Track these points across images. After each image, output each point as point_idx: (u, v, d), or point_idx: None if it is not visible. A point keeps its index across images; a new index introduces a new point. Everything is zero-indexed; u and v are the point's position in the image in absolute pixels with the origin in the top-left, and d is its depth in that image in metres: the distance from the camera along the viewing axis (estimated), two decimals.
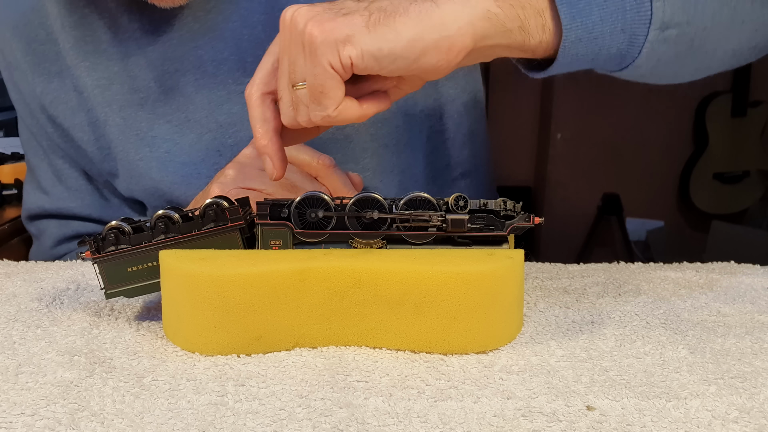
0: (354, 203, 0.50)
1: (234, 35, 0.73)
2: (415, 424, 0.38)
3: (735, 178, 2.37)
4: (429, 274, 0.46)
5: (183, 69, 0.74)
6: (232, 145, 0.74)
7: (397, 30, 0.45)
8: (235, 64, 0.73)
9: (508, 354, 0.47)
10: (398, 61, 0.46)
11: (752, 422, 0.39)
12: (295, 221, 0.50)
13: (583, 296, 0.58)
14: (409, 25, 0.45)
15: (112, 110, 0.76)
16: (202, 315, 0.46)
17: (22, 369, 0.45)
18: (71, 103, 0.77)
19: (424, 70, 0.48)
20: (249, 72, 0.72)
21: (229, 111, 0.74)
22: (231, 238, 0.50)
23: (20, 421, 0.39)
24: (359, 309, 0.47)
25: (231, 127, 0.75)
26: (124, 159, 0.76)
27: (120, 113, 0.76)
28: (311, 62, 0.46)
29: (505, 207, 0.51)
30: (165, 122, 0.75)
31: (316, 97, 0.48)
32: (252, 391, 0.42)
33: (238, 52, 0.73)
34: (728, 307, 0.56)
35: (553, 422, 0.39)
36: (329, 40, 0.45)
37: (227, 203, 0.50)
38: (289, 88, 0.49)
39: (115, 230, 0.50)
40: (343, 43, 0.45)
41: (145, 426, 0.38)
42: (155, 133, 0.75)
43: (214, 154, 0.75)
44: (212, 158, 0.75)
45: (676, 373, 0.45)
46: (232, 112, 0.74)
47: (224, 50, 0.73)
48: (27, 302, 0.56)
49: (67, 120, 0.78)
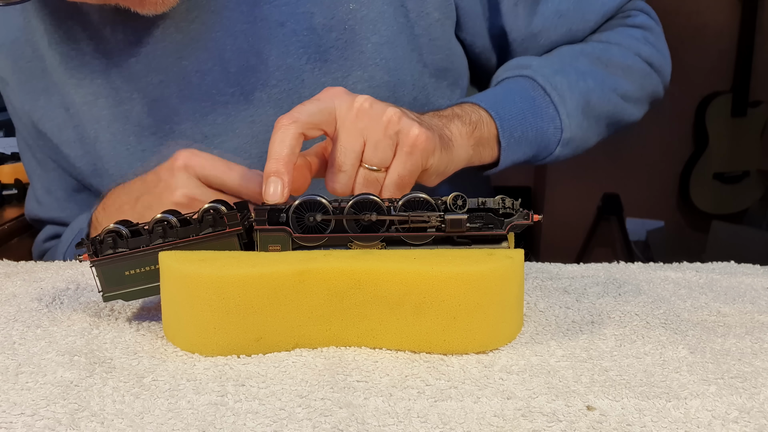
0: (352, 206, 0.50)
1: (217, 45, 0.72)
2: (415, 424, 0.38)
3: (735, 178, 2.37)
4: (429, 274, 0.46)
5: (167, 80, 0.73)
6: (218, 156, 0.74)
7: (450, 157, 0.63)
8: (219, 74, 0.73)
9: (508, 354, 0.47)
10: (440, 175, 0.64)
11: (752, 422, 0.39)
12: (293, 225, 0.50)
13: (583, 296, 0.58)
14: (451, 156, 0.64)
15: (101, 126, 0.76)
16: (202, 316, 0.46)
17: (22, 369, 0.45)
18: (58, 120, 0.77)
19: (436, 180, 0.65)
20: (232, 82, 0.72)
21: (213, 122, 0.74)
22: (228, 244, 0.50)
23: (20, 421, 0.39)
24: (359, 309, 0.47)
25: (216, 137, 0.74)
26: (116, 174, 0.76)
27: (109, 129, 0.76)
28: (408, 160, 0.57)
29: (504, 205, 0.51)
30: (150, 134, 0.75)
31: (402, 185, 0.58)
32: (252, 391, 0.42)
33: (222, 62, 0.72)
34: (728, 307, 0.56)
35: (553, 422, 0.39)
36: (429, 149, 0.58)
37: (225, 208, 0.50)
38: (357, 166, 0.57)
39: (113, 233, 0.50)
40: (432, 154, 0.59)
41: (145, 426, 0.38)
42: (144, 146, 0.75)
43: None
44: None
45: (676, 373, 0.45)
46: (217, 123, 0.74)
47: (208, 61, 0.72)
48: (27, 302, 0.56)
49: (55, 136, 0.78)
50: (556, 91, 0.75)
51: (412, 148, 0.57)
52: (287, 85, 0.73)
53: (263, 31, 0.72)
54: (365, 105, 0.57)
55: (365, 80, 0.73)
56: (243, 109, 0.74)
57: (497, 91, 0.75)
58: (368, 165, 0.57)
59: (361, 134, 0.57)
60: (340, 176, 0.56)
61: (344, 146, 0.56)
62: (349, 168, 0.57)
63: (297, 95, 0.73)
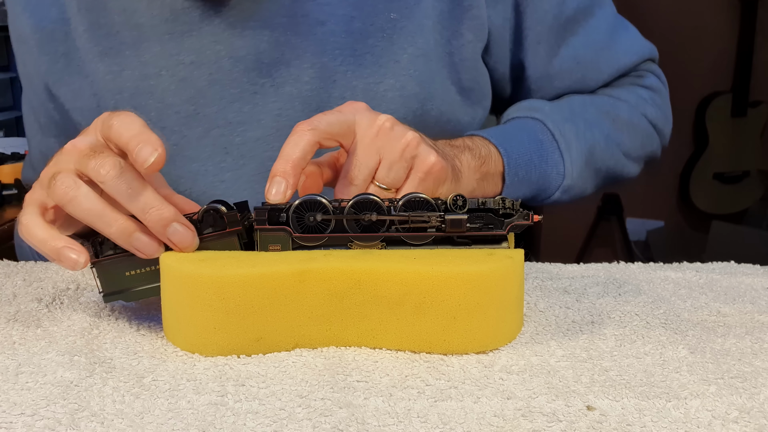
0: (352, 206, 0.50)
1: (254, 35, 0.72)
2: (415, 424, 0.38)
3: (735, 178, 2.37)
4: (429, 274, 0.46)
5: (198, 62, 0.73)
6: (239, 144, 0.74)
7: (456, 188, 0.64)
8: (252, 63, 0.73)
9: (508, 354, 0.47)
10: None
11: (752, 422, 0.39)
12: (293, 225, 0.50)
13: (583, 296, 0.58)
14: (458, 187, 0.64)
15: (123, 98, 0.75)
16: (202, 316, 0.46)
17: (22, 369, 0.45)
18: (75, 86, 0.76)
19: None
20: (264, 73, 0.73)
21: (239, 109, 0.74)
22: (229, 243, 0.50)
23: (20, 421, 0.39)
24: (359, 309, 0.47)
25: (240, 125, 0.74)
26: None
27: (130, 102, 0.75)
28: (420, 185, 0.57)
29: (504, 205, 0.51)
30: (173, 113, 0.74)
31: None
32: (252, 391, 0.42)
33: (257, 52, 0.73)
34: (728, 307, 0.56)
35: (553, 422, 0.39)
36: (441, 178, 0.59)
37: (225, 208, 0.50)
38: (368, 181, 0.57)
39: None
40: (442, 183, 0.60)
41: (145, 426, 0.38)
42: (164, 123, 0.75)
43: (220, 151, 0.74)
44: (218, 155, 0.74)
45: (676, 373, 0.45)
46: (243, 111, 0.74)
47: (242, 48, 0.73)
48: (27, 302, 0.56)
49: (68, 102, 0.77)
50: (563, 138, 0.77)
51: (426, 174, 0.58)
52: (319, 83, 0.73)
53: (302, 27, 0.73)
54: (386, 124, 0.58)
55: (396, 89, 0.74)
56: (271, 101, 0.74)
57: (507, 129, 0.77)
58: (379, 183, 0.57)
59: (378, 152, 0.57)
60: (351, 189, 0.57)
61: (360, 161, 0.57)
62: (361, 183, 0.57)
63: (327, 95, 0.73)
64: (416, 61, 0.74)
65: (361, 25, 0.73)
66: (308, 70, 0.73)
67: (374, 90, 0.73)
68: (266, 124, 0.74)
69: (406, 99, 0.74)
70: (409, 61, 0.74)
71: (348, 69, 0.73)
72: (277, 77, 0.73)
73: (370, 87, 0.73)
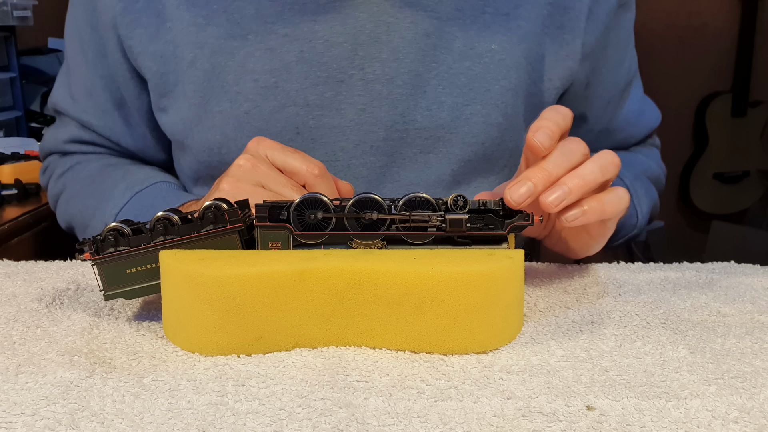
0: (353, 204, 0.50)
1: (356, 24, 0.72)
2: (415, 424, 0.38)
3: (735, 178, 2.37)
4: (429, 274, 0.46)
5: (292, 36, 0.72)
6: (313, 128, 0.72)
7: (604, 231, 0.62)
8: (346, 52, 0.72)
9: (508, 354, 0.47)
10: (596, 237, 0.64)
11: (752, 422, 0.39)
12: (294, 223, 0.50)
13: (583, 296, 0.58)
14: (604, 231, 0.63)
15: (204, 53, 0.73)
16: (202, 315, 0.46)
17: (22, 369, 0.45)
18: (150, 29, 0.74)
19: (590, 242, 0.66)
20: (356, 65, 0.72)
21: (321, 93, 0.72)
22: (230, 240, 0.50)
23: (20, 421, 0.39)
24: (359, 309, 0.47)
25: (318, 109, 0.73)
26: (199, 105, 0.73)
27: (210, 59, 0.73)
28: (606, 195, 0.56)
29: (504, 206, 0.51)
30: (251, 80, 0.72)
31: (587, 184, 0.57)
32: (252, 391, 0.42)
33: (354, 43, 0.72)
34: (728, 307, 0.56)
35: (553, 422, 0.39)
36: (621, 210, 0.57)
37: (226, 205, 0.50)
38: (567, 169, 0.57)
39: (114, 232, 0.50)
40: (617, 215, 0.58)
41: (145, 426, 0.38)
42: (240, 88, 0.73)
43: (291, 130, 0.73)
44: (289, 133, 0.73)
45: (676, 373, 0.45)
46: (325, 96, 0.72)
47: (341, 35, 0.72)
48: (27, 302, 0.56)
49: (137, 44, 0.75)
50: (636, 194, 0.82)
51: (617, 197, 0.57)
52: (408, 90, 0.73)
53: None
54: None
55: (482, 116, 0.74)
56: (357, 94, 0.73)
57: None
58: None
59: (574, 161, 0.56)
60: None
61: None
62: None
63: (414, 103, 0.73)
64: (506, 95, 0.75)
65: (461, 46, 0.73)
66: (402, 75, 0.73)
67: (460, 110, 0.73)
68: (346, 114, 0.73)
69: (489, 127, 0.75)
70: (500, 92, 0.74)
71: (440, 84, 0.73)
72: (369, 73, 0.72)
73: (457, 106, 0.73)
